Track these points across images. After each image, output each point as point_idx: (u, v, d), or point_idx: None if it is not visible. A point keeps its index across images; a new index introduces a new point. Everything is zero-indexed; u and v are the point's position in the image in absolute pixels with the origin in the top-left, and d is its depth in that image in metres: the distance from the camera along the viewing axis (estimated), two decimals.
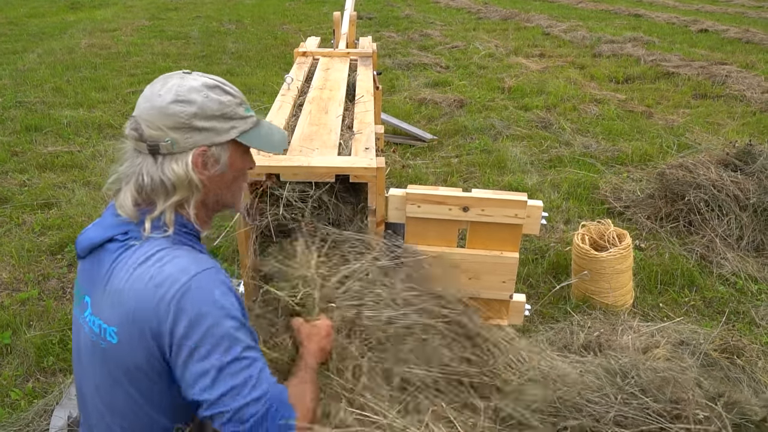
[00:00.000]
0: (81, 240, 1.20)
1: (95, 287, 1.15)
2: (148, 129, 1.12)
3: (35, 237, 3.49)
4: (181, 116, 1.12)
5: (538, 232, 1.90)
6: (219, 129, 1.16)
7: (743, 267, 3.13)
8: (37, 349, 2.54)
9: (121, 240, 1.14)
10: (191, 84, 1.14)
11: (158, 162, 1.13)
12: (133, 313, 1.07)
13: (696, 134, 5.18)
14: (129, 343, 1.09)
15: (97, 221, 1.22)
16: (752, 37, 9.64)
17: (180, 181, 1.13)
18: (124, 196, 1.14)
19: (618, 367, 1.58)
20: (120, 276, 1.11)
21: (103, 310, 1.13)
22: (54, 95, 6.29)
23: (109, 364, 1.13)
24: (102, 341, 1.12)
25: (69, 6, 12.86)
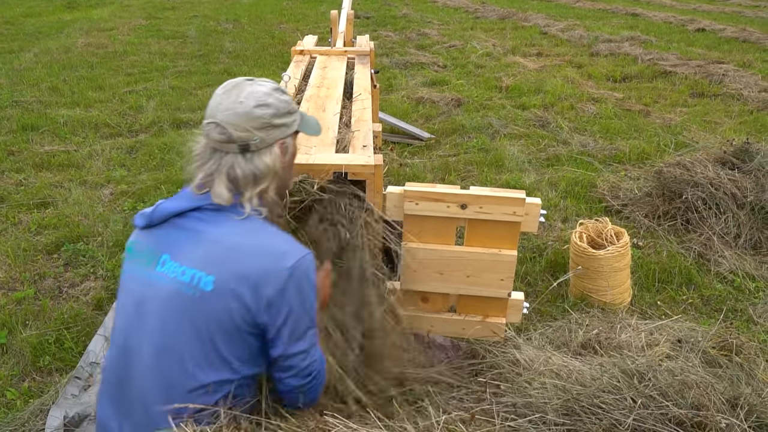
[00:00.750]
0: (156, 211, 1.36)
1: (182, 245, 1.32)
2: (236, 132, 1.33)
3: (31, 236, 3.47)
4: (264, 117, 1.35)
5: (537, 230, 1.90)
6: (289, 123, 1.41)
7: (741, 265, 3.13)
8: (33, 349, 2.52)
9: (209, 209, 1.34)
10: (263, 89, 1.37)
11: (247, 157, 1.35)
12: (245, 271, 1.26)
13: (693, 133, 5.18)
14: (225, 292, 1.26)
15: (174, 197, 1.40)
16: (749, 36, 9.65)
17: (269, 170, 1.36)
18: (219, 188, 1.33)
19: (635, 368, 1.56)
20: (229, 238, 1.30)
21: (199, 262, 1.28)
22: (50, 94, 6.27)
23: (193, 310, 1.27)
24: (191, 289, 1.27)
25: (65, 5, 12.82)
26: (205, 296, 1.26)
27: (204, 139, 1.38)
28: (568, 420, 1.36)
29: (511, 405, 1.48)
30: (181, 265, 1.30)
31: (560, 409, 1.38)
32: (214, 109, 1.35)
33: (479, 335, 2.06)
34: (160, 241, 1.35)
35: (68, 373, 2.35)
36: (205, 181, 1.36)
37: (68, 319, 2.71)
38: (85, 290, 2.99)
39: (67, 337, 2.59)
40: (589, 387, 1.44)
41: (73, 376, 2.26)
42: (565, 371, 1.52)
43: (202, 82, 6.88)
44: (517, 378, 1.62)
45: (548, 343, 2.25)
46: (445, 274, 1.92)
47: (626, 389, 1.44)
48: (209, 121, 1.35)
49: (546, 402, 1.42)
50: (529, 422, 1.35)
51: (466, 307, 2.02)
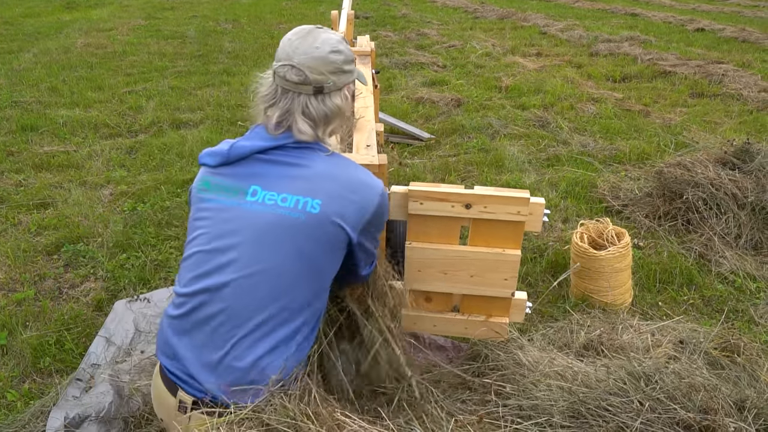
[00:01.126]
0: (234, 149, 1.44)
1: (274, 177, 1.42)
2: (312, 74, 1.41)
3: (31, 237, 3.46)
4: (337, 62, 1.44)
5: (540, 230, 1.89)
6: (353, 70, 1.52)
7: (742, 265, 3.13)
8: (33, 350, 2.51)
9: (295, 147, 1.44)
10: (336, 37, 1.47)
11: (319, 99, 1.44)
12: (348, 196, 1.42)
13: (693, 133, 5.18)
14: (330, 213, 1.39)
15: (246, 136, 1.48)
16: (748, 36, 9.66)
17: (339, 111, 1.47)
18: (303, 125, 1.43)
19: (641, 370, 1.55)
20: (324, 168, 1.43)
21: (300, 189, 1.40)
22: (50, 95, 6.26)
23: (295, 231, 1.38)
24: (296, 212, 1.38)
25: (64, 5, 12.81)
26: (312, 217, 1.38)
27: (271, 80, 1.46)
28: (574, 423, 1.35)
29: (516, 407, 1.47)
30: (280, 193, 1.40)
31: (566, 411, 1.37)
32: (291, 53, 1.42)
33: (482, 335, 2.05)
34: (244, 175, 1.44)
35: (69, 374, 2.34)
36: (281, 120, 1.44)
37: (68, 320, 2.70)
38: (85, 291, 2.98)
39: (68, 339, 2.58)
40: (595, 389, 1.43)
41: (73, 378, 2.26)
42: (570, 373, 1.51)
43: (201, 83, 6.87)
44: (522, 380, 1.62)
45: (550, 344, 2.25)
46: (448, 273, 1.91)
47: (633, 392, 1.43)
48: (284, 63, 1.42)
49: (552, 404, 1.41)
50: (535, 425, 1.34)
51: (469, 306, 2.01)
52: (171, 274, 3.09)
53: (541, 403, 1.44)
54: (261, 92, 1.48)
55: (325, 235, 1.40)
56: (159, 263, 3.18)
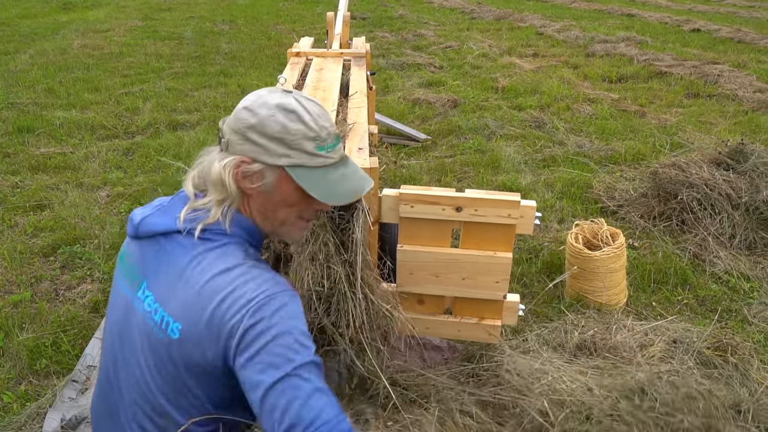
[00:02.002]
0: (146, 224, 1.23)
1: (158, 274, 1.18)
2: (225, 125, 1.20)
3: (27, 239, 3.47)
4: (242, 123, 1.17)
5: (532, 232, 1.91)
6: (270, 150, 1.16)
7: (735, 265, 3.15)
8: (30, 352, 2.52)
9: (193, 234, 1.17)
10: (267, 99, 1.18)
11: (219, 156, 1.19)
12: (209, 320, 1.09)
13: (689, 133, 5.20)
14: (193, 343, 1.11)
15: (165, 207, 1.25)
16: (744, 37, 9.69)
17: (218, 177, 1.17)
18: (191, 175, 1.22)
19: (635, 383, 1.53)
20: (197, 278, 1.13)
21: (169, 302, 1.14)
22: (46, 96, 6.26)
23: (162, 353, 1.15)
24: (160, 332, 1.14)
25: (61, 6, 12.80)
26: (175, 343, 1.13)
27: None
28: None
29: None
30: (155, 300, 1.17)
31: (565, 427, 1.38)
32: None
33: (475, 338, 2.06)
34: (144, 261, 1.23)
35: (65, 376, 2.35)
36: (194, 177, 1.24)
37: (65, 322, 2.71)
38: (81, 293, 2.99)
39: (64, 340, 2.59)
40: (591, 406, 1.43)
41: (70, 379, 2.27)
42: (566, 389, 1.51)
43: (198, 84, 6.88)
44: (518, 401, 1.61)
45: (544, 345, 2.26)
46: (440, 276, 1.92)
47: (630, 410, 1.43)
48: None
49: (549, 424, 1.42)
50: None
51: (462, 309, 2.02)
52: None
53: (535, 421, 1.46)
54: None
55: (191, 363, 1.14)
56: None
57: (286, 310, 1.10)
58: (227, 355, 1.10)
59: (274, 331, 1.07)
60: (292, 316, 1.10)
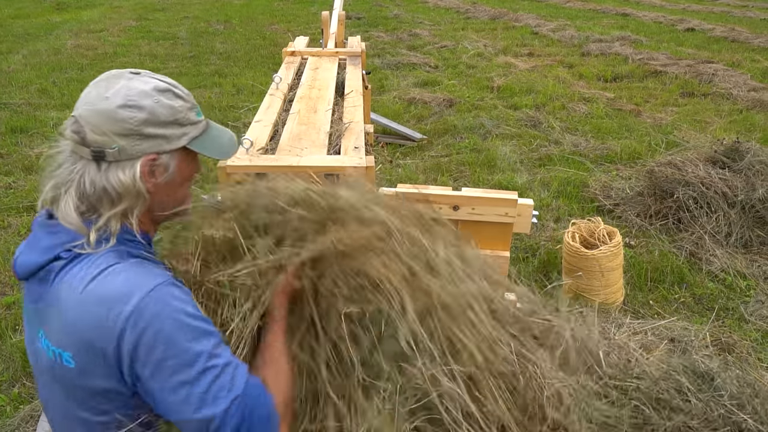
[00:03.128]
0: (19, 265, 1.10)
1: (48, 309, 1.06)
2: (92, 133, 1.04)
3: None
4: (130, 122, 1.04)
5: (529, 231, 1.90)
6: (170, 136, 1.09)
7: (732, 263, 3.15)
8: (23, 354, 2.50)
9: (65, 257, 1.05)
10: (141, 87, 1.06)
11: (102, 169, 1.05)
12: (89, 338, 0.99)
13: (684, 132, 5.21)
14: (87, 368, 1.02)
15: (29, 241, 1.11)
16: (738, 36, 9.73)
17: (126, 190, 1.05)
18: (66, 206, 1.05)
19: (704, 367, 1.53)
20: (69, 298, 1.02)
21: (54, 334, 1.04)
22: (40, 97, 6.22)
23: (67, 387, 1.06)
24: (58, 367, 1.05)
25: (54, 7, 12.74)
26: (72, 372, 1.04)
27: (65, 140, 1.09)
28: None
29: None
30: (46, 337, 1.07)
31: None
32: (78, 101, 1.08)
33: None
34: (35, 304, 1.10)
35: None
36: (54, 195, 1.08)
37: None
38: None
39: None
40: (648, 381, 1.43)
41: None
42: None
43: (193, 84, 6.85)
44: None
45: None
46: None
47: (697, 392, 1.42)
48: (71, 114, 1.08)
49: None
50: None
51: None
52: None
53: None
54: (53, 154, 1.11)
55: (96, 390, 1.04)
56: None
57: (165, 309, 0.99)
58: (122, 373, 1.01)
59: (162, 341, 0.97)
60: (173, 311, 0.99)
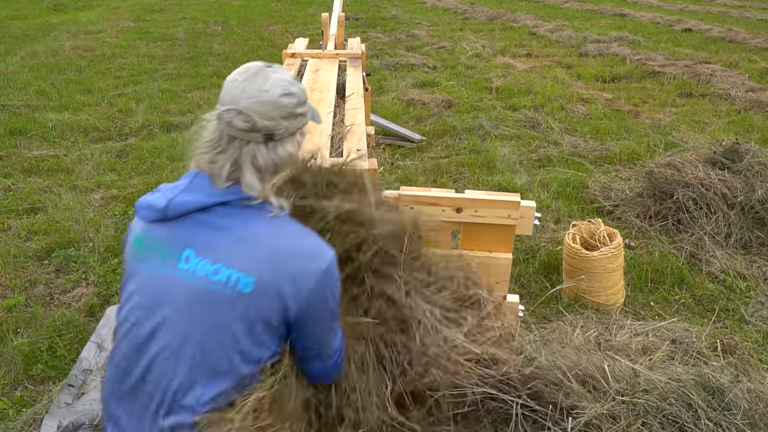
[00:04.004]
0: (172, 205, 1.28)
1: (211, 241, 1.27)
2: (262, 120, 1.28)
3: (21, 242, 3.44)
4: (289, 107, 1.31)
5: (531, 233, 1.90)
6: (305, 112, 1.38)
7: (732, 264, 3.16)
8: (25, 357, 2.50)
9: (240, 206, 1.28)
10: (286, 77, 1.34)
11: (269, 147, 1.30)
12: (285, 272, 1.25)
13: (682, 133, 5.22)
14: (264, 294, 1.25)
15: (187, 188, 1.31)
16: (735, 36, 9.75)
17: (290, 159, 1.35)
18: (251, 179, 1.29)
19: (713, 380, 1.53)
20: (264, 237, 1.27)
21: (235, 261, 1.25)
22: (38, 98, 6.21)
23: (224, 310, 1.24)
24: (227, 289, 1.24)
25: (52, 8, 12.72)
26: (244, 297, 1.24)
27: (217, 125, 1.32)
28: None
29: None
30: (213, 263, 1.26)
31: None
32: (237, 96, 1.29)
33: None
34: (180, 236, 1.29)
35: (61, 381, 2.33)
36: (233, 170, 1.30)
37: (60, 327, 2.68)
38: (77, 296, 2.96)
39: (60, 345, 2.56)
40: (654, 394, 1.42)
41: (66, 384, 2.24)
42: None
43: (191, 85, 6.85)
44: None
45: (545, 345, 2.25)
46: None
47: (707, 410, 1.41)
48: (229, 108, 1.29)
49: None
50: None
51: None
52: None
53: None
54: (206, 137, 1.33)
55: (257, 316, 1.26)
56: None
57: (337, 281, 1.34)
58: (293, 309, 1.27)
59: (330, 298, 1.32)
60: (338, 279, 1.34)
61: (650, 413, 1.62)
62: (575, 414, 1.65)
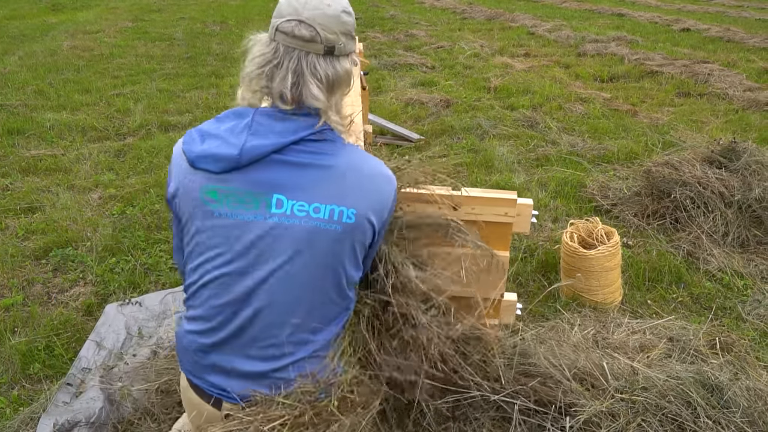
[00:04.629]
0: (249, 149, 1.24)
1: (299, 182, 1.26)
2: (325, 32, 1.26)
3: (19, 242, 3.43)
4: (348, 25, 1.32)
5: (529, 231, 1.90)
6: (355, 38, 1.39)
7: (729, 263, 3.17)
8: (23, 356, 2.49)
9: (313, 139, 1.28)
10: (345, 0, 1.34)
11: (328, 60, 1.29)
12: (375, 197, 1.32)
13: (680, 132, 5.23)
14: (364, 221, 1.30)
15: (253, 129, 1.26)
16: (733, 36, 9.77)
17: (347, 77, 1.34)
18: (315, 90, 1.27)
19: (713, 378, 1.53)
20: (347, 167, 1.30)
21: (331, 197, 1.27)
22: (36, 98, 6.20)
23: (332, 243, 1.28)
24: (331, 224, 1.27)
25: (50, 7, 12.71)
26: (348, 227, 1.28)
27: (268, 40, 1.29)
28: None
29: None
30: (311, 202, 1.26)
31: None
32: (299, 8, 1.26)
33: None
34: (263, 182, 1.26)
35: (59, 380, 2.33)
36: (295, 82, 1.26)
37: (58, 326, 2.68)
38: (74, 296, 2.96)
39: (57, 344, 2.56)
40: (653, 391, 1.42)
41: (63, 383, 2.24)
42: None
43: (189, 85, 6.84)
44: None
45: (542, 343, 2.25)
46: None
47: (707, 408, 1.41)
48: (291, 18, 1.26)
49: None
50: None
51: (459, 307, 2.01)
52: (161, 278, 3.07)
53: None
54: (256, 53, 1.29)
55: (360, 242, 1.33)
56: (149, 267, 3.16)
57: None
58: (380, 222, 1.35)
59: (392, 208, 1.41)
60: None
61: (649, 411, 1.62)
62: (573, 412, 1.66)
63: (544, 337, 2.21)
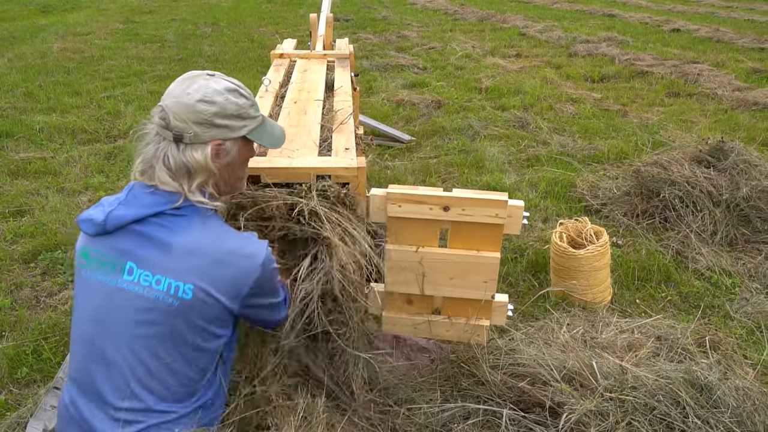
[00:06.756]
0: (110, 219, 1.34)
1: (149, 253, 1.33)
2: (175, 120, 1.34)
3: (7, 245, 3.41)
4: (204, 114, 1.35)
5: (519, 232, 1.91)
6: (233, 126, 1.40)
7: (717, 261, 3.19)
8: (10, 360, 2.48)
9: (172, 214, 1.35)
10: (215, 87, 1.38)
11: (180, 149, 1.36)
12: (223, 275, 1.34)
13: (670, 132, 5.26)
14: (205, 298, 1.34)
15: (125, 201, 1.38)
16: (722, 36, 9.84)
17: (199, 166, 1.37)
18: (162, 175, 1.36)
19: (702, 378, 1.54)
20: (198, 244, 1.34)
21: (173, 271, 1.32)
22: (26, 100, 6.16)
23: (170, 317, 1.33)
24: (169, 297, 1.32)
25: (40, 9, 12.63)
26: (185, 303, 1.33)
27: (151, 124, 1.40)
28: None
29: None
30: (154, 273, 1.33)
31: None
32: (166, 95, 1.38)
33: (462, 338, 2.06)
34: (121, 249, 1.36)
35: (46, 384, 2.31)
36: (144, 168, 1.38)
37: (46, 329, 2.67)
38: (63, 299, 2.94)
39: (45, 348, 2.54)
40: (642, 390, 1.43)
41: (51, 387, 2.22)
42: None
43: None
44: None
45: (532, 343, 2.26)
46: (428, 276, 1.92)
47: (696, 407, 1.42)
48: (160, 104, 1.38)
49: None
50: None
51: (450, 309, 2.02)
52: None
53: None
54: (143, 135, 1.43)
55: (203, 317, 1.36)
56: None
57: (273, 264, 1.43)
58: (237, 298, 1.37)
59: (270, 282, 1.44)
60: (275, 264, 1.45)
61: (639, 410, 1.63)
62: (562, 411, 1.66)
63: (533, 338, 2.22)
